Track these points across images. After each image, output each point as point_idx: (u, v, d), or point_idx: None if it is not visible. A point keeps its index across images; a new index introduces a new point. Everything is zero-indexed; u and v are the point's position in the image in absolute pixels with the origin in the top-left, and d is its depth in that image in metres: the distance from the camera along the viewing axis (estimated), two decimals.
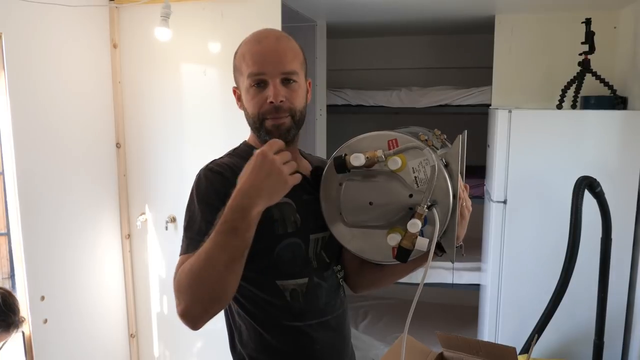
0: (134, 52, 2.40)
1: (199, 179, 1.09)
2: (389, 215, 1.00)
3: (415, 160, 0.98)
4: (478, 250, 2.90)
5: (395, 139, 0.99)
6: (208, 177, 1.08)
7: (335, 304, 1.18)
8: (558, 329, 2.21)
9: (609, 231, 2.01)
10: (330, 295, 1.17)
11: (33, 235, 2.00)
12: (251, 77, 1.08)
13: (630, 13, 2.48)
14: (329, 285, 1.16)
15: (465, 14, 2.83)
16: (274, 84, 1.07)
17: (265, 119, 1.09)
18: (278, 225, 1.09)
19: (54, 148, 2.12)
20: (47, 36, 2.07)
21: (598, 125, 2.26)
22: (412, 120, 3.50)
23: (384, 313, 3.56)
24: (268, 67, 1.07)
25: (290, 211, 1.11)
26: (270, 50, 1.09)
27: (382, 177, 1.00)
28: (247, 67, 1.08)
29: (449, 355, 1.53)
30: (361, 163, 0.97)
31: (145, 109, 2.41)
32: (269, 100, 1.07)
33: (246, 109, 1.12)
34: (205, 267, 0.93)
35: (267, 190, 0.93)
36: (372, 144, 1.01)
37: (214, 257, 0.93)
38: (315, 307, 1.13)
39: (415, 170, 0.98)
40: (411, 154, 0.98)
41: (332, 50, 3.19)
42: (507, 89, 2.81)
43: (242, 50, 1.12)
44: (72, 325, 2.24)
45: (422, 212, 0.95)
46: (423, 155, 0.97)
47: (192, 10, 2.24)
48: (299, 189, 1.09)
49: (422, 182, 0.98)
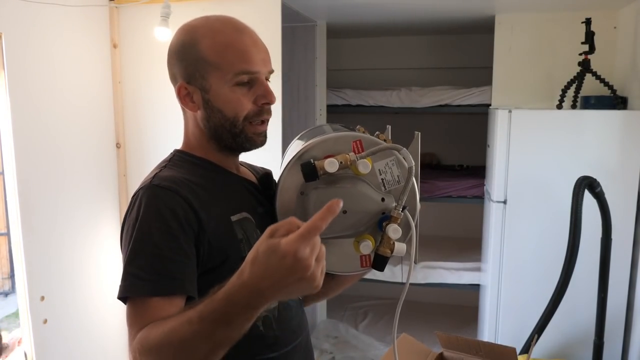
0: (134, 52, 2.40)
1: (146, 198, 0.89)
2: (361, 222, 0.92)
3: (381, 161, 0.92)
4: (478, 250, 2.90)
5: (359, 139, 0.92)
6: (159, 196, 0.88)
7: (302, 321, 1.08)
8: (558, 329, 2.21)
9: (609, 231, 2.01)
10: (298, 313, 1.06)
11: (33, 235, 2.00)
12: (242, 75, 0.93)
13: (630, 13, 2.48)
14: (295, 302, 1.05)
15: (465, 14, 2.83)
16: (265, 83, 0.96)
17: (249, 122, 0.96)
18: (244, 246, 0.93)
19: (54, 148, 2.12)
20: (47, 36, 2.07)
21: (598, 125, 2.26)
22: (412, 120, 3.52)
23: (384, 313, 3.57)
24: (260, 65, 0.95)
25: (252, 228, 0.96)
26: (257, 43, 0.97)
27: (346, 181, 0.91)
28: (234, 62, 0.93)
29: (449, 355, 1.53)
30: (335, 169, 0.88)
31: (145, 109, 2.42)
32: (261, 102, 0.96)
33: (220, 110, 0.95)
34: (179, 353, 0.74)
35: (289, 292, 0.70)
36: (334, 147, 0.92)
37: (193, 346, 0.73)
38: (289, 331, 1.00)
39: (382, 172, 0.93)
40: (376, 155, 0.92)
41: (332, 50, 3.19)
42: (507, 89, 2.81)
43: (219, 40, 0.94)
44: (72, 325, 2.24)
45: (399, 215, 0.90)
46: (390, 156, 0.92)
47: (192, 10, 2.24)
48: (253, 201, 1.01)
49: (389, 184, 0.93)
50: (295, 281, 0.67)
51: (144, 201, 0.88)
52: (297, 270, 0.66)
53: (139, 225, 0.87)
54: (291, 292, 0.70)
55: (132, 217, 0.89)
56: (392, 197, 0.92)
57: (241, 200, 1.00)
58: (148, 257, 0.84)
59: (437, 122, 3.61)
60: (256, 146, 1.00)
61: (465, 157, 3.57)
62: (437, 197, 3.05)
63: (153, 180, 0.92)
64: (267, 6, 2.21)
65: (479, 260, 2.91)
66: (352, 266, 0.97)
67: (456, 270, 3.02)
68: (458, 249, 3.28)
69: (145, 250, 0.85)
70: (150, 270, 0.84)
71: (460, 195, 3.04)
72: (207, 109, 0.96)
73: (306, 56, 3.08)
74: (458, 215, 3.62)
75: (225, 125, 0.96)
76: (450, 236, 3.61)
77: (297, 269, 0.66)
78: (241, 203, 0.99)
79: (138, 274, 0.84)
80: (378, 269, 0.93)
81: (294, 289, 0.69)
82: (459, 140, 3.60)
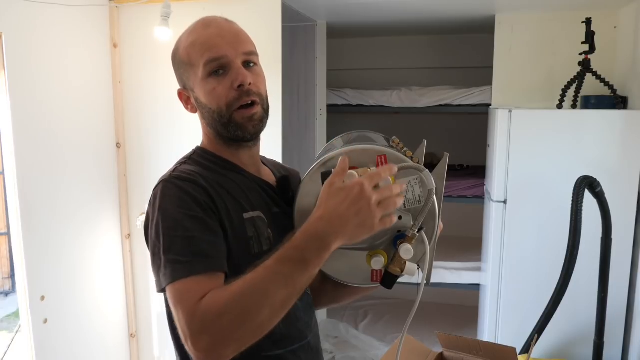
0: (134, 52, 2.40)
1: (167, 189, 0.91)
2: (375, 237, 0.92)
3: (403, 179, 0.90)
4: (478, 250, 2.90)
5: (384, 154, 0.91)
6: (180, 187, 0.91)
7: (311, 322, 1.08)
8: (558, 329, 2.21)
9: (609, 231, 2.01)
10: (307, 314, 1.07)
11: (33, 235, 2.00)
12: (209, 64, 0.94)
13: (630, 13, 2.48)
14: (304, 304, 1.06)
15: (465, 14, 2.83)
16: (237, 66, 0.95)
17: (234, 110, 0.95)
18: (254, 243, 0.95)
19: (54, 148, 2.12)
20: (47, 36, 2.07)
21: (598, 125, 2.26)
22: (412, 120, 3.52)
23: (384, 313, 3.56)
24: (227, 49, 0.94)
25: (264, 226, 0.97)
26: (224, 30, 0.96)
27: None
28: (200, 55, 0.94)
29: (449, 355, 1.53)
30: None
31: (145, 109, 2.42)
32: (236, 85, 0.94)
33: (206, 105, 0.97)
34: (257, 303, 0.77)
35: (351, 226, 0.80)
36: (358, 159, 0.91)
37: (271, 292, 0.78)
38: (296, 330, 1.02)
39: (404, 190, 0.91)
40: (400, 173, 0.89)
41: (332, 50, 3.19)
42: (507, 88, 2.81)
43: (189, 40, 0.97)
44: (72, 325, 2.24)
45: (414, 236, 0.89)
46: (413, 174, 0.90)
47: (193, 10, 2.24)
48: (268, 201, 1.02)
49: (409, 203, 0.91)
50: (355, 213, 0.79)
51: (166, 192, 0.91)
52: (358, 199, 0.79)
53: (166, 215, 0.88)
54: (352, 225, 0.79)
55: (156, 209, 0.90)
56: (410, 216, 0.91)
57: (255, 198, 1.00)
58: (182, 242, 0.86)
59: (437, 122, 3.60)
60: (249, 132, 0.98)
61: (465, 157, 3.57)
62: None
63: (173, 173, 0.95)
64: (267, 6, 2.21)
65: (479, 260, 2.91)
66: (362, 279, 0.97)
67: (456, 270, 3.02)
68: (458, 249, 3.28)
69: (178, 236, 0.86)
70: (186, 253, 0.85)
71: (461, 195, 3.04)
72: (199, 107, 1.00)
73: (306, 56, 3.08)
74: (458, 215, 3.61)
75: (215, 118, 0.97)
76: (450, 236, 3.59)
77: (359, 199, 0.79)
78: (255, 201, 0.99)
79: (176, 259, 0.85)
80: (386, 286, 0.91)
81: (354, 223, 0.79)
82: (459, 140, 3.60)
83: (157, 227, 0.89)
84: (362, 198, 0.79)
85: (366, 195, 0.79)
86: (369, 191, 0.80)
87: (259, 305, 0.77)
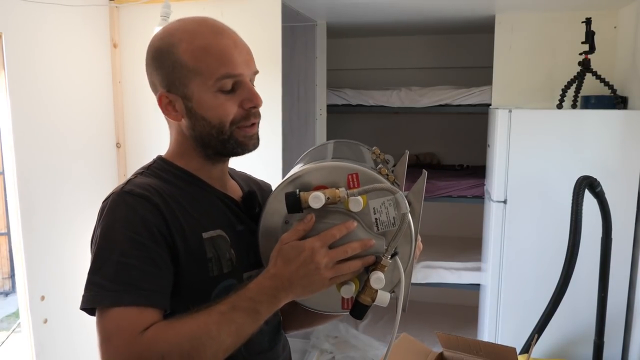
0: (134, 52, 2.40)
1: (116, 204, 0.86)
2: None
3: (377, 199, 0.84)
4: (478, 250, 2.90)
5: (355, 173, 0.85)
6: (130, 204, 0.85)
7: (278, 347, 1.04)
8: (558, 329, 2.21)
9: (609, 231, 2.01)
10: (274, 338, 1.03)
11: (33, 235, 2.00)
12: (224, 80, 0.88)
13: (630, 13, 2.48)
14: (270, 328, 1.01)
15: (465, 14, 2.83)
16: (250, 86, 0.91)
17: (237, 127, 0.91)
18: (212, 265, 0.90)
19: (54, 148, 2.12)
20: (47, 36, 2.07)
21: (598, 125, 2.26)
22: (412, 120, 3.52)
23: (384, 313, 3.56)
24: (244, 67, 0.90)
25: (225, 247, 0.92)
26: (239, 45, 0.92)
27: (337, 216, 0.85)
28: (215, 66, 0.88)
29: (449, 355, 1.53)
30: (320, 205, 0.81)
31: (145, 109, 2.41)
32: (248, 105, 0.91)
33: (205, 118, 0.90)
34: (205, 346, 0.75)
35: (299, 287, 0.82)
36: (328, 178, 0.85)
37: (222, 337, 0.76)
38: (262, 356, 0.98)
39: (377, 211, 0.85)
40: (373, 193, 0.84)
41: (332, 50, 3.19)
42: (507, 88, 2.81)
43: (197, 44, 0.90)
44: (72, 325, 2.24)
45: (386, 263, 0.83)
46: (387, 195, 0.84)
47: (193, 10, 2.24)
48: (232, 218, 0.96)
49: (382, 225, 0.85)
50: (306, 274, 0.80)
51: (112, 208, 0.86)
52: (310, 263, 0.80)
53: (106, 233, 0.84)
54: (306, 284, 0.81)
55: (99, 225, 0.86)
56: (384, 240, 0.85)
57: (217, 216, 0.95)
58: (113, 266, 0.81)
59: (437, 122, 3.60)
60: (248, 150, 0.95)
61: (465, 157, 3.57)
62: (437, 197, 3.05)
63: (125, 186, 0.89)
64: (267, 6, 2.21)
65: (479, 260, 2.91)
66: (332, 306, 0.91)
67: (456, 270, 3.02)
68: (458, 249, 3.28)
69: (112, 259, 0.81)
70: (115, 280, 0.80)
71: (461, 195, 3.04)
72: (190, 117, 0.92)
73: (306, 56, 3.08)
74: (458, 215, 3.61)
75: (212, 133, 0.91)
76: (450, 236, 3.61)
77: (310, 262, 0.80)
78: (217, 219, 0.94)
79: (102, 283, 0.81)
80: (356, 316, 0.86)
81: (308, 282, 0.81)
82: (459, 140, 3.60)
83: (94, 244, 0.85)
84: (311, 262, 0.80)
85: (315, 259, 0.80)
86: (320, 254, 0.80)
87: (206, 350, 0.76)
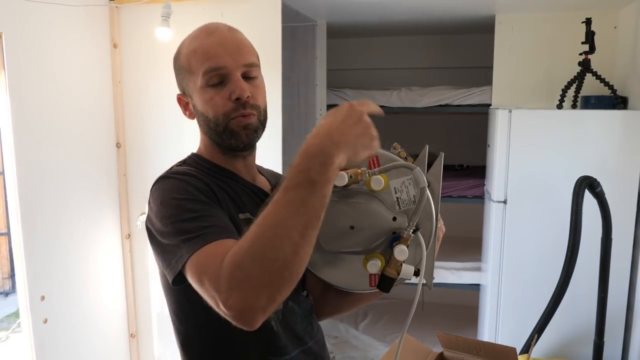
0: (134, 52, 2.40)
1: (166, 184, 0.91)
2: (371, 240, 0.91)
3: (397, 179, 0.90)
4: (478, 250, 2.90)
5: (376, 155, 0.90)
6: (179, 179, 0.91)
7: (312, 329, 1.06)
8: (558, 329, 2.21)
9: (609, 231, 2.01)
10: (307, 320, 1.05)
11: (33, 235, 2.00)
12: (208, 74, 0.94)
13: (630, 13, 2.48)
14: (302, 310, 1.04)
15: (465, 14, 2.83)
16: (236, 78, 0.94)
17: (231, 119, 0.96)
18: None
19: (54, 148, 2.12)
20: (47, 36, 2.07)
21: (598, 125, 2.26)
22: (412, 120, 3.52)
23: (384, 313, 3.56)
24: (227, 60, 0.94)
25: None
26: (226, 40, 0.96)
27: (360, 197, 0.90)
28: (200, 63, 0.94)
29: (449, 355, 1.53)
30: (344, 183, 0.85)
31: (145, 109, 2.42)
32: (234, 97, 0.94)
33: (203, 113, 0.97)
34: (274, 238, 0.72)
35: (352, 138, 0.78)
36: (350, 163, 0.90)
37: (286, 222, 0.73)
38: (293, 335, 1.00)
39: (397, 191, 0.90)
40: (393, 173, 0.89)
41: (332, 50, 3.19)
42: (507, 88, 2.81)
43: (191, 47, 0.97)
44: (72, 325, 2.24)
45: (408, 237, 0.87)
46: (407, 174, 0.89)
47: (193, 10, 2.23)
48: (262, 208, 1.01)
49: (404, 203, 0.90)
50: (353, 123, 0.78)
51: (165, 186, 0.91)
52: (352, 112, 0.79)
53: (168, 205, 0.87)
54: (353, 137, 0.78)
55: (158, 203, 0.89)
56: (406, 217, 0.89)
57: (248, 203, 1.00)
58: (190, 222, 0.84)
59: (437, 122, 3.60)
60: (242, 141, 0.97)
61: (465, 157, 3.57)
62: None
63: (168, 172, 0.96)
64: (267, 6, 2.21)
65: (479, 260, 2.91)
66: (361, 284, 0.94)
67: (456, 270, 3.02)
68: (458, 249, 3.28)
69: (185, 219, 0.85)
70: (197, 228, 0.83)
71: (461, 195, 3.04)
72: (196, 114, 1.01)
73: (306, 56, 3.08)
74: (458, 215, 3.60)
75: (211, 127, 0.97)
76: (450, 236, 3.57)
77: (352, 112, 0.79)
78: (248, 205, 0.99)
79: (188, 237, 0.82)
80: (383, 289, 0.90)
81: (354, 134, 0.78)
82: (459, 140, 3.60)
83: (162, 219, 0.87)
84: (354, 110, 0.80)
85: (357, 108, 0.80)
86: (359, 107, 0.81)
87: (277, 239, 0.72)
